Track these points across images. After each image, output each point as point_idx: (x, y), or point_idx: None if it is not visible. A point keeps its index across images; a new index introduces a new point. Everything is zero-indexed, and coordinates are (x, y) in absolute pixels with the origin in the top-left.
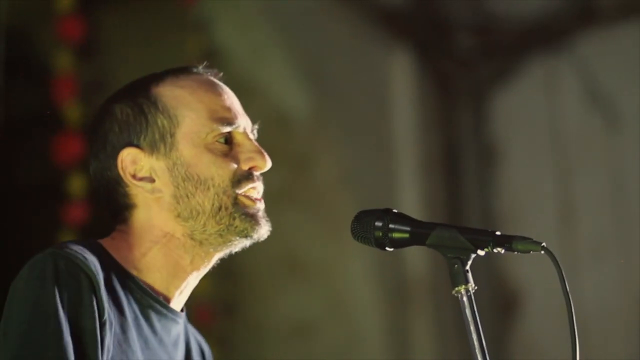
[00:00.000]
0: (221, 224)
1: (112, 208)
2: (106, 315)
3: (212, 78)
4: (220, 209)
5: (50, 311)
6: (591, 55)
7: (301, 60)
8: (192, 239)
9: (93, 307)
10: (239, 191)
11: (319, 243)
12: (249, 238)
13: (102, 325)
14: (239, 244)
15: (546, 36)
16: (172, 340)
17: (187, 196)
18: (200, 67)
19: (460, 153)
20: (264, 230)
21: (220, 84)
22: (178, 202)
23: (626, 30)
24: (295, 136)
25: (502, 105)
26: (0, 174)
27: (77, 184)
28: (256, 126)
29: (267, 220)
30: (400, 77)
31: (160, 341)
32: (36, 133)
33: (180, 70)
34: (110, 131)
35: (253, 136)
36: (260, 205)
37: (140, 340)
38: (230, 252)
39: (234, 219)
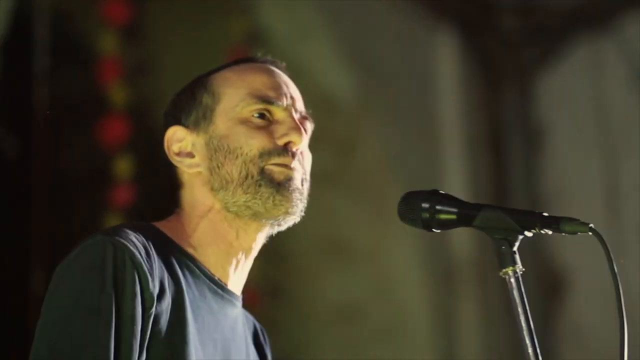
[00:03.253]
0: (248, 192)
1: (170, 191)
2: (155, 305)
3: (269, 66)
4: (247, 177)
5: (93, 303)
6: (637, 36)
7: (345, 42)
8: (228, 211)
9: (137, 299)
10: (269, 163)
11: (365, 226)
12: (276, 208)
13: (150, 314)
14: (271, 217)
15: (592, 17)
16: (229, 324)
17: (218, 167)
18: (262, 56)
19: (506, 135)
20: (292, 200)
21: (277, 70)
22: (211, 174)
23: None
24: (340, 118)
25: (547, 86)
26: (46, 156)
27: (123, 167)
28: (309, 112)
29: (300, 193)
30: (445, 59)
31: (218, 323)
32: (82, 115)
33: (243, 59)
34: (168, 116)
35: (298, 117)
36: (294, 174)
37: (198, 320)
38: (273, 230)
39: (260, 185)
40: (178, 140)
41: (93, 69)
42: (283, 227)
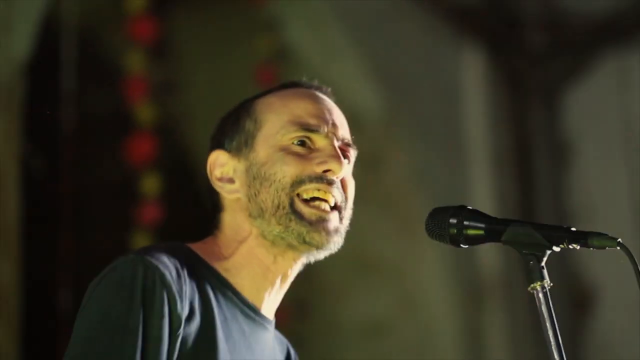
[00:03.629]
0: (280, 224)
1: (210, 213)
2: (182, 326)
3: (314, 91)
4: (279, 207)
5: (121, 322)
6: None
7: (372, 59)
8: (264, 238)
9: (164, 319)
10: (301, 192)
11: (392, 241)
12: (308, 245)
13: (177, 335)
14: (305, 251)
15: (618, 32)
16: (261, 347)
17: (255, 194)
18: (308, 82)
19: (533, 150)
20: (324, 240)
21: (322, 96)
22: (249, 201)
23: None
24: (367, 135)
25: (574, 101)
26: (73, 174)
27: (150, 184)
28: (351, 144)
29: (336, 232)
30: (472, 75)
31: (249, 346)
32: (109, 133)
33: (289, 84)
34: (213, 140)
35: (339, 144)
36: (329, 216)
37: (229, 342)
38: (311, 259)
39: (290, 220)
40: (220, 165)
41: (120, 87)
42: (320, 257)
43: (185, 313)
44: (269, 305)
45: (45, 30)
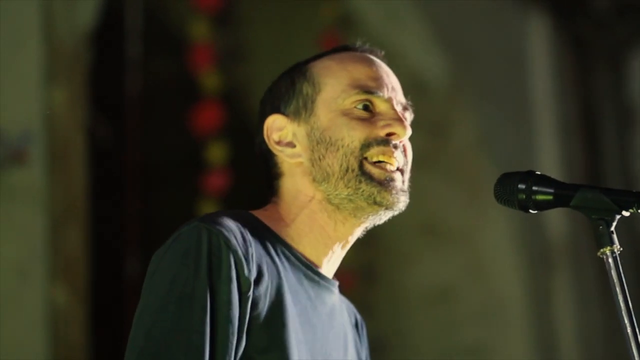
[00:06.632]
0: (349, 187)
1: (267, 180)
2: (252, 288)
3: (368, 55)
4: (347, 170)
5: (188, 289)
6: None
7: (437, 25)
8: (329, 203)
9: (232, 283)
10: (368, 155)
11: (458, 208)
12: (378, 205)
13: (247, 297)
14: (372, 213)
15: None
16: (327, 310)
17: (319, 158)
18: (361, 45)
19: (599, 115)
20: (394, 199)
21: (377, 60)
22: (313, 166)
23: None
24: (433, 101)
25: None
26: (139, 143)
27: (216, 153)
28: (409, 103)
29: (403, 191)
30: (537, 40)
31: (315, 309)
32: (174, 102)
33: (341, 48)
34: (266, 104)
35: (400, 108)
36: (395, 176)
37: (297, 305)
38: (373, 223)
39: (360, 182)
40: (278, 129)
41: (185, 55)
42: (383, 220)
43: (253, 275)
44: (328, 269)
45: None
